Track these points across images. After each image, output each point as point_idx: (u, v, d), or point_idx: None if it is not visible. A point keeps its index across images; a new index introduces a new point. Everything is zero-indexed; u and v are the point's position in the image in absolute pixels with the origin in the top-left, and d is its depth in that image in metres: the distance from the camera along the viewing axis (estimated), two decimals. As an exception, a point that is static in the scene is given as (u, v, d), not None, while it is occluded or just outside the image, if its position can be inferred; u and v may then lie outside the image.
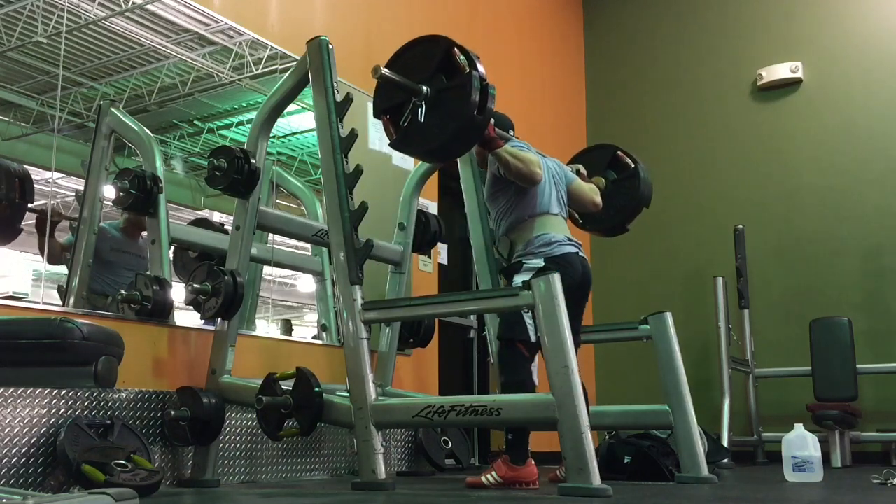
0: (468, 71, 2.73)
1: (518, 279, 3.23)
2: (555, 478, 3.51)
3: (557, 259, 3.29)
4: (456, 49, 2.79)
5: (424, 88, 2.80)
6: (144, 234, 3.50)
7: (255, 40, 4.04)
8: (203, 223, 4.02)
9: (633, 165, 4.00)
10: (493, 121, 3.12)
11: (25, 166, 3.02)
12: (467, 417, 2.71)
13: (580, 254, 3.45)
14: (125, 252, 3.63)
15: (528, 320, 3.18)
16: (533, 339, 3.15)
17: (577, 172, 3.77)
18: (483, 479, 3.14)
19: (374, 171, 4.02)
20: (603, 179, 3.95)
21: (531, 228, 3.43)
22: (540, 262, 3.25)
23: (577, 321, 3.36)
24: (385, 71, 2.81)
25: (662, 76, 7.15)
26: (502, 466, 3.13)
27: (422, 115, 2.81)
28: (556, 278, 2.66)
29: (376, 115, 2.96)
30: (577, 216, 4.02)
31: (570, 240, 3.45)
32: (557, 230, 3.44)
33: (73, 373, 1.77)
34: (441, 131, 2.79)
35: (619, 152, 4.05)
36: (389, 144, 2.97)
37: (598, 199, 3.72)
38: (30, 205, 2.96)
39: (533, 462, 3.18)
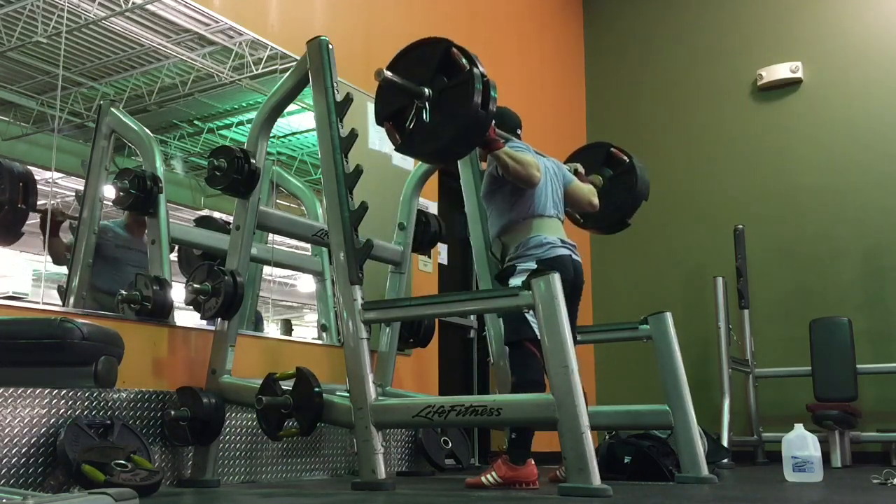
0: (469, 69, 2.73)
1: (513, 282, 3.22)
2: (555, 478, 3.51)
3: (549, 262, 3.27)
4: (455, 49, 2.79)
5: (426, 90, 2.79)
6: None
7: (255, 40, 4.04)
8: (207, 220, 4.01)
9: (627, 161, 4.01)
10: (494, 122, 3.11)
11: (28, 167, 3.01)
12: (467, 417, 2.71)
13: (574, 256, 3.45)
14: (130, 249, 3.62)
15: (531, 319, 3.16)
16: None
17: (575, 172, 3.78)
18: (483, 479, 3.14)
19: (374, 171, 4.02)
20: (600, 177, 3.97)
21: (525, 231, 3.42)
22: (532, 265, 3.22)
23: (573, 321, 3.35)
24: (388, 73, 2.80)
25: (662, 76, 7.15)
26: (502, 466, 3.13)
27: (426, 116, 2.80)
28: (556, 278, 2.66)
29: (379, 122, 2.94)
30: (577, 216, 4.03)
31: (563, 242, 3.44)
32: (551, 232, 3.44)
33: (73, 373, 1.77)
34: (445, 130, 2.77)
35: (612, 149, 4.06)
36: (395, 149, 2.96)
37: (595, 201, 3.72)
38: (32, 211, 2.94)
39: (533, 462, 3.18)
